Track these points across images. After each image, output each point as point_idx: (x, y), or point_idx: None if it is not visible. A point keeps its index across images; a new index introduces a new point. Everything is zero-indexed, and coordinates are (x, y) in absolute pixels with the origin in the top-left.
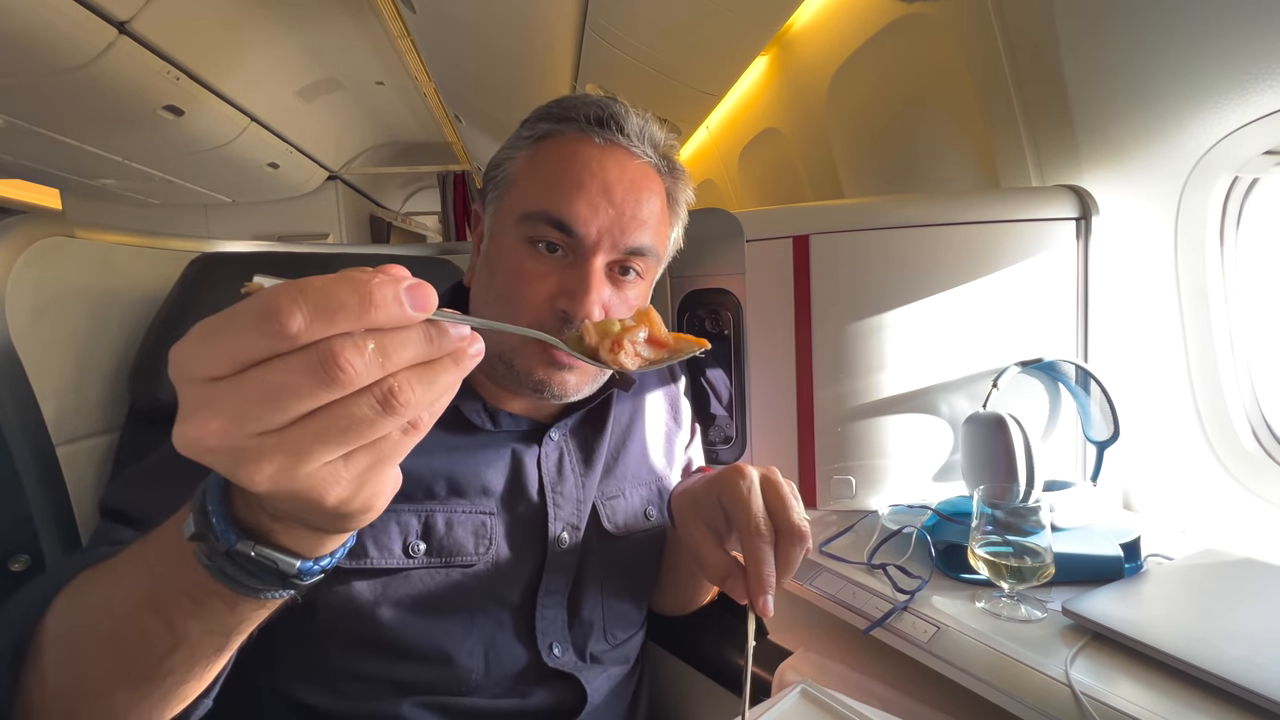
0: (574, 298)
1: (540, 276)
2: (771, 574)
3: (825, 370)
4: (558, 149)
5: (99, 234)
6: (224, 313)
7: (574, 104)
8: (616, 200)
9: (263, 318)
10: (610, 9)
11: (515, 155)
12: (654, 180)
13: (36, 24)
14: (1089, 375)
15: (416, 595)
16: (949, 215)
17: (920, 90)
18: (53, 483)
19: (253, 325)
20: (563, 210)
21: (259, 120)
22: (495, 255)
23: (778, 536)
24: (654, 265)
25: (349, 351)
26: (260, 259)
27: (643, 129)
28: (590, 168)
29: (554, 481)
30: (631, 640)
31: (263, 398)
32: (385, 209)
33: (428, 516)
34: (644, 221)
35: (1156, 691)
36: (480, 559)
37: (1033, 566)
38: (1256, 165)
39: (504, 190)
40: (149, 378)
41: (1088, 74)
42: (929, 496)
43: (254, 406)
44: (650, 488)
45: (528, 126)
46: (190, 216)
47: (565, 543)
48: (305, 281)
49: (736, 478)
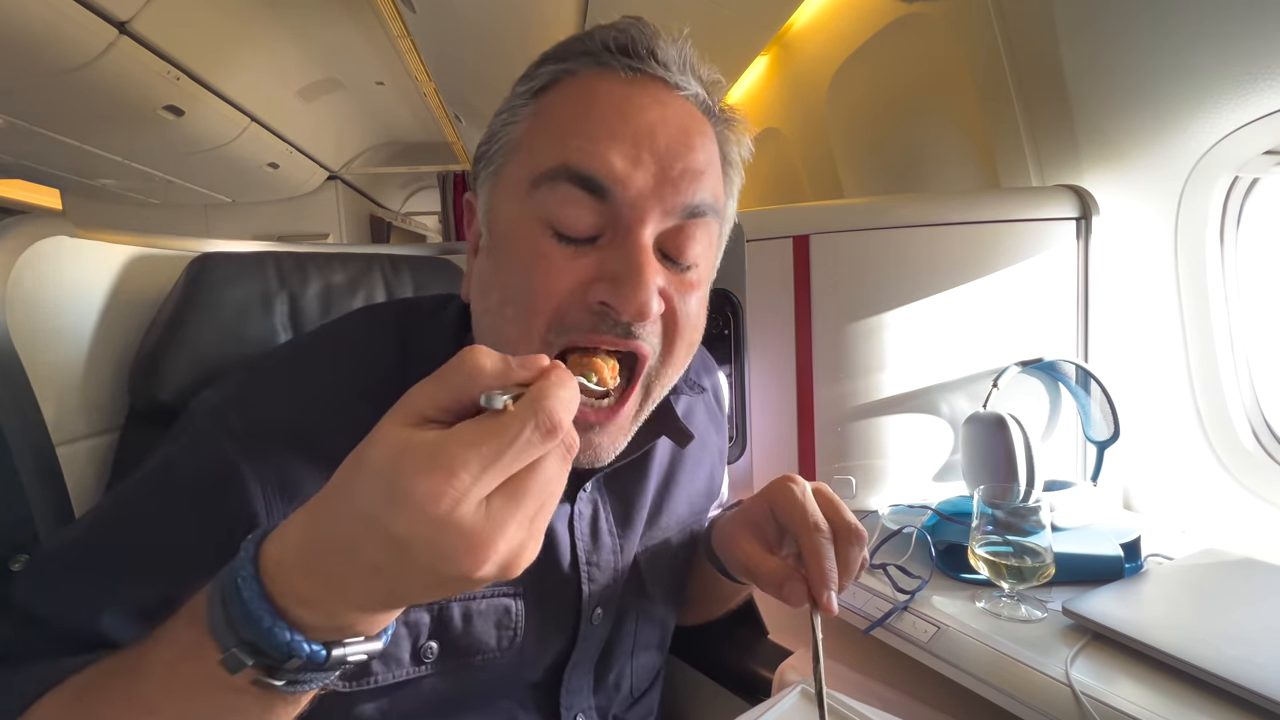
0: (620, 282)
1: (566, 258)
2: (834, 568)
3: (825, 370)
4: (571, 92)
5: (99, 234)
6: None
7: (587, 35)
8: (661, 147)
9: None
10: (610, 9)
11: (515, 117)
12: (703, 123)
13: (36, 24)
14: (1089, 375)
15: (430, 703)
16: (949, 215)
17: (920, 90)
18: (53, 483)
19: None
20: (590, 162)
21: (259, 120)
22: (501, 244)
23: (835, 538)
24: (717, 236)
25: (561, 413)
26: (260, 259)
27: (683, 56)
28: (620, 108)
29: (588, 550)
30: (653, 689)
31: (513, 456)
32: (385, 209)
33: (441, 610)
34: (700, 171)
35: (1156, 691)
36: (504, 653)
37: (1033, 566)
38: (1256, 165)
39: (503, 162)
40: (149, 378)
41: (1088, 74)
42: (929, 496)
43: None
44: (687, 533)
45: (525, 80)
46: (190, 216)
47: (599, 619)
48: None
49: (788, 484)
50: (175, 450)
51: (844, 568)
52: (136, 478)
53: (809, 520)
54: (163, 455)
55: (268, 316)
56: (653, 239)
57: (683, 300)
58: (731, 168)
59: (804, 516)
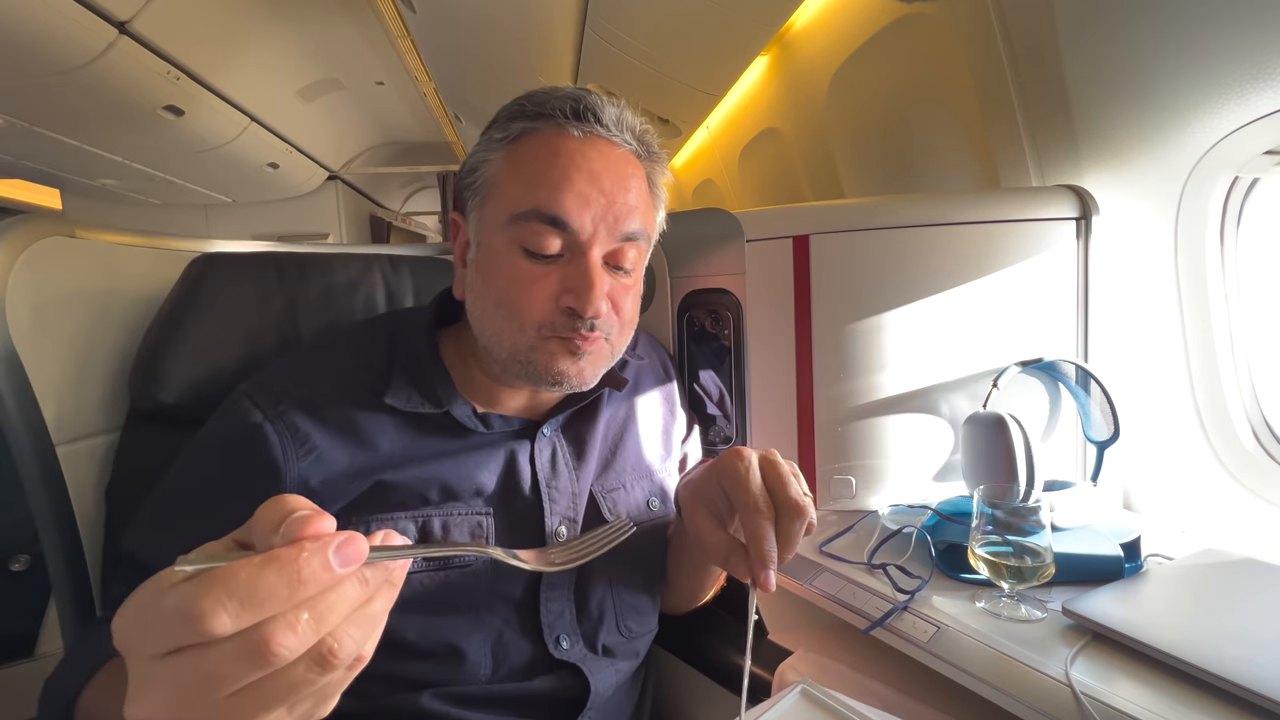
0: (579, 294)
1: (540, 277)
2: (772, 549)
3: (825, 370)
4: (538, 146)
5: (99, 234)
6: (151, 596)
7: (547, 99)
8: (606, 189)
9: (185, 620)
10: (610, 9)
11: (491, 158)
12: (635, 166)
13: (36, 24)
14: (1089, 375)
15: (420, 597)
16: (949, 215)
17: (920, 90)
18: (53, 483)
19: (177, 625)
20: (554, 205)
21: (259, 120)
22: (487, 263)
23: (777, 513)
24: (645, 250)
25: (281, 634)
26: (260, 259)
27: (619, 117)
28: (575, 160)
29: (548, 476)
30: (645, 635)
31: (199, 682)
32: (385, 209)
33: (424, 522)
34: (633, 207)
35: (1156, 691)
36: (479, 560)
37: (1033, 566)
38: (1256, 165)
39: (484, 195)
40: (149, 378)
41: (1088, 73)
42: (929, 496)
43: (191, 690)
44: (651, 480)
45: (499, 127)
46: (190, 216)
47: (563, 536)
48: (230, 573)
49: (734, 459)
50: (212, 426)
51: (784, 542)
52: (185, 451)
53: (750, 499)
54: (204, 431)
55: (267, 316)
56: (600, 256)
57: (622, 298)
58: (657, 189)
59: (745, 495)
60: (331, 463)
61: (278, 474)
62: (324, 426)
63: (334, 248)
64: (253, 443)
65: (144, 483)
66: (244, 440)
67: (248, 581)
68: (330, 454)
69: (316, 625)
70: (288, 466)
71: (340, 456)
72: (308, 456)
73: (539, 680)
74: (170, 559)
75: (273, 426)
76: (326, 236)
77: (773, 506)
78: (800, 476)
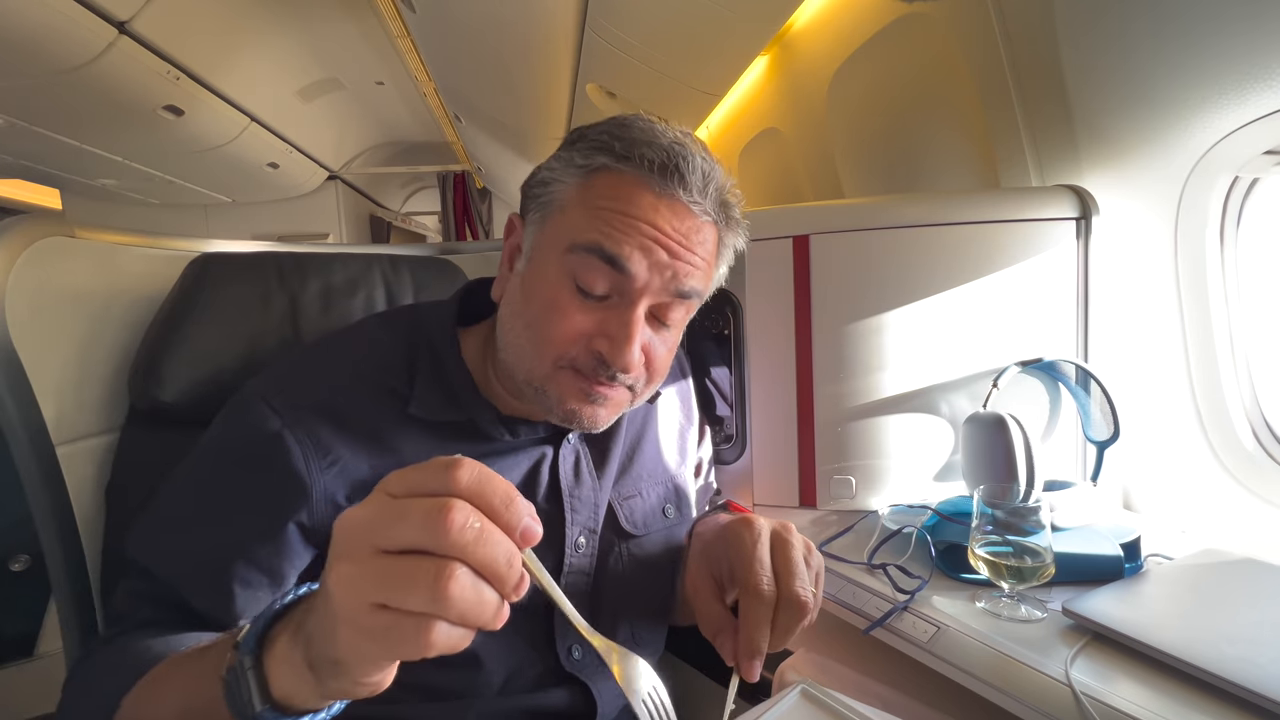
0: (614, 342)
1: (579, 311)
2: (765, 640)
3: (825, 370)
4: (615, 187)
5: (99, 234)
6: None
7: (636, 142)
8: (671, 249)
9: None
10: (610, 9)
11: (566, 180)
12: (710, 231)
13: (36, 24)
14: (1089, 375)
15: None
16: (949, 215)
17: (920, 90)
18: (53, 483)
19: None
20: (616, 247)
21: (259, 120)
22: (534, 281)
23: (778, 602)
24: (694, 308)
25: (460, 516)
26: (260, 259)
27: (706, 179)
28: (647, 215)
29: (571, 485)
30: (656, 644)
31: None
32: (385, 209)
33: None
34: (696, 268)
35: (1156, 691)
36: None
37: (1033, 566)
38: (1256, 165)
39: (549, 213)
40: (149, 378)
41: (1088, 73)
42: (929, 496)
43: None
44: (666, 486)
45: (582, 154)
46: (190, 216)
47: (582, 546)
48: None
49: (744, 530)
50: (225, 428)
51: (777, 636)
52: (193, 453)
53: (753, 582)
54: (214, 433)
55: (268, 316)
56: (646, 308)
57: (657, 349)
58: (727, 249)
59: (749, 575)
60: (355, 472)
61: (301, 485)
62: (344, 434)
63: (334, 248)
64: (272, 452)
65: (144, 483)
66: (261, 449)
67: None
68: (353, 464)
69: (477, 540)
70: (312, 479)
71: (362, 465)
72: (331, 469)
73: (548, 694)
74: (178, 568)
75: (292, 434)
76: (326, 236)
77: (775, 594)
78: (812, 554)
